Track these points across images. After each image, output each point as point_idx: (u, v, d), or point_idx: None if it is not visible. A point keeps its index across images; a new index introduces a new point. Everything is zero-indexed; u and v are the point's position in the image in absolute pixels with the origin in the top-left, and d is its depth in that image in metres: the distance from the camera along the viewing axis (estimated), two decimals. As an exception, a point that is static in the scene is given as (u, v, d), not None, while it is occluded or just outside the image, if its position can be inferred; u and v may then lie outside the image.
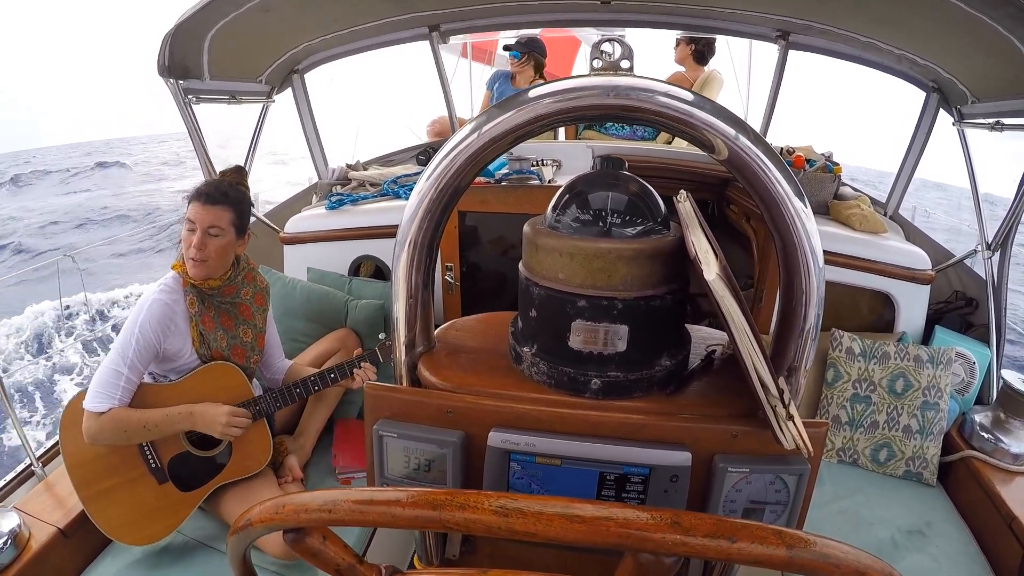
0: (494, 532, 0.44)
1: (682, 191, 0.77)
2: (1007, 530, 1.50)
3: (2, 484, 1.65)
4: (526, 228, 0.77)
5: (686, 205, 0.74)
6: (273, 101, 2.40)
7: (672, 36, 3.20)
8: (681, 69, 3.23)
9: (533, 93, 0.66)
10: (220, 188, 1.53)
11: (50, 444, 1.79)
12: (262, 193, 2.90)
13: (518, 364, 0.78)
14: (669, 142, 2.90)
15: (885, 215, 2.35)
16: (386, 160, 2.98)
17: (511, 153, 2.42)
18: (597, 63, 0.67)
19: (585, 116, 0.66)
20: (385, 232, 2.27)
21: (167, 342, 1.49)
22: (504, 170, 2.40)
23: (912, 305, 2.01)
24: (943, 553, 1.54)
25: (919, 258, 1.98)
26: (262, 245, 2.25)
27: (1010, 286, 1.95)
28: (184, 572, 1.49)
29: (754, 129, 0.64)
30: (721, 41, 3.19)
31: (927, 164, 2.26)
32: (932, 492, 1.76)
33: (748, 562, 0.42)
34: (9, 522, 1.42)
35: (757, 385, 0.60)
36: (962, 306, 2.09)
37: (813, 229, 0.65)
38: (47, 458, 1.74)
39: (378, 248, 2.34)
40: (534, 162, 2.45)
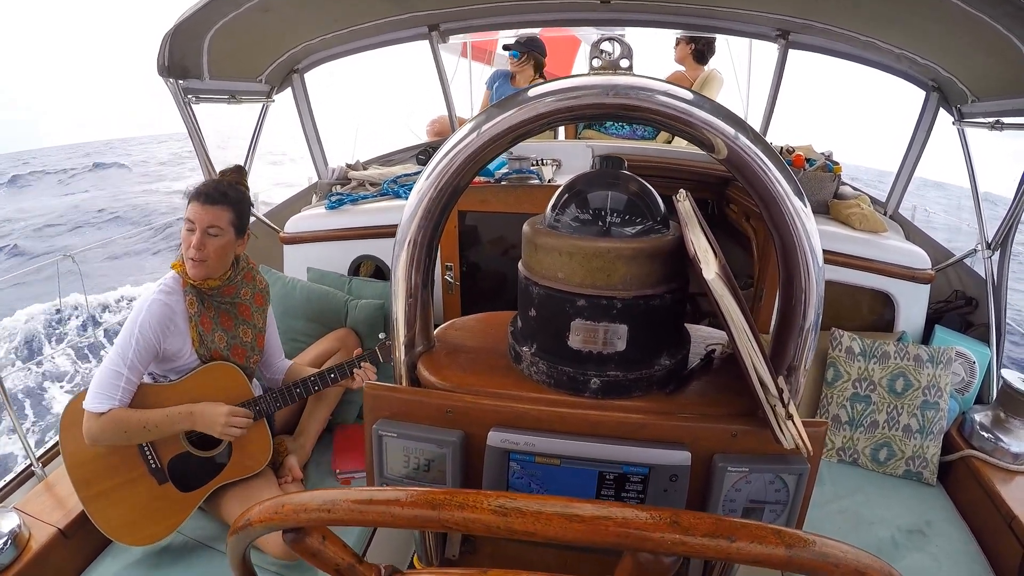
0: (493, 532, 0.44)
1: (681, 190, 0.77)
2: (1007, 529, 1.50)
3: (2, 484, 1.65)
4: (525, 227, 0.76)
5: (685, 204, 0.74)
6: (273, 101, 2.40)
7: (672, 35, 3.20)
8: (681, 68, 3.23)
9: (532, 92, 0.66)
10: (219, 188, 1.53)
11: (50, 444, 1.79)
12: (259, 194, 2.90)
13: (518, 364, 0.78)
14: (669, 141, 2.89)
15: (885, 214, 2.35)
16: (386, 160, 2.98)
17: (511, 152, 2.42)
18: (596, 62, 0.67)
19: (584, 115, 0.66)
20: (385, 232, 2.27)
21: (167, 342, 1.49)
22: (504, 169, 2.39)
23: (912, 304, 2.01)
24: (943, 552, 1.54)
25: (919, 257, 1.98)
26: (262, 245, 2.25)
27: (1010, 285, 1.95)
28: (184, 572, 1.49)
29: (753, 128, 0.64)
30: (721, 40, 3.19)
31: (927, 163, 2.26)
32: (932, 491, 1.76)
33: (747, 561, 0.42)
34: (9, 522, 1.42)
35: (756, 384, 0.60)
36: (962, 305, 2.09)
37: (812, 228, 0.65)
38: (47, 458, 1.74)
39: (378, 248, 2.34)
40: (534, 161, 2.45)
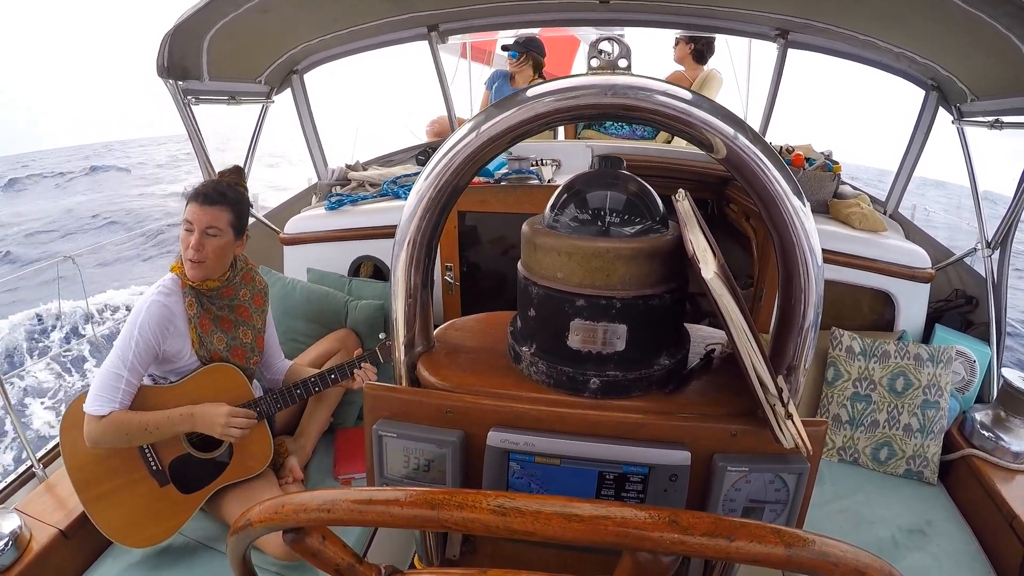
0: (493, 531, 0.44)
1: (681, 190, 0.77)
2: (1008, 528, 1.50)
3: (3, 485, 1.65)
4: (524, 227, 0.76)
5: (684, 204, 0.74)
6: (272, 102, 2.40)
7: (671, 35, 3.20)
8: (680, 68, 3.23)
9: (531, 92, 0.66)
10: (218, 189, 1.53)
11: (51, 445, 1.79)
12: (258, 195, 2.90)
13: (517, 364, 0.78)
14: (668, 141, 2.89)
15: (885, 213, 2.35)
16: (385, 160, 2.99)
17: (510, 152, 2.42)
18: (595, 62, 0.67)
19: (583, 115, 0.66)
20: (385, 232, 2.27)
21: (166, 344, 1.49)
22: (503, 170, 2.39)
23: (912, 303, 2.01)
24: (944, 552, 1.53)
25: (919, 256, 1.98)
26: (262, 246, 2.25)
27: (1010, 284, 1.95)
28: (185, 573, 1.49)
29: (752, 128, 0.64)
30: (720, 40, 3.18)
31: (927, 162, 2.26)
32: (933, 491, 1.76)
33: (746, 561, 0.42)
34: (10, 523, 1.42)
35: (756, 384, 0.60)
36: (962, 304, 2.09)
37: (812, 228, 0.65)
38: (48, 459, 1.74)
39: (378, 248, 2.34)
40: (533, 162, 2.45)
